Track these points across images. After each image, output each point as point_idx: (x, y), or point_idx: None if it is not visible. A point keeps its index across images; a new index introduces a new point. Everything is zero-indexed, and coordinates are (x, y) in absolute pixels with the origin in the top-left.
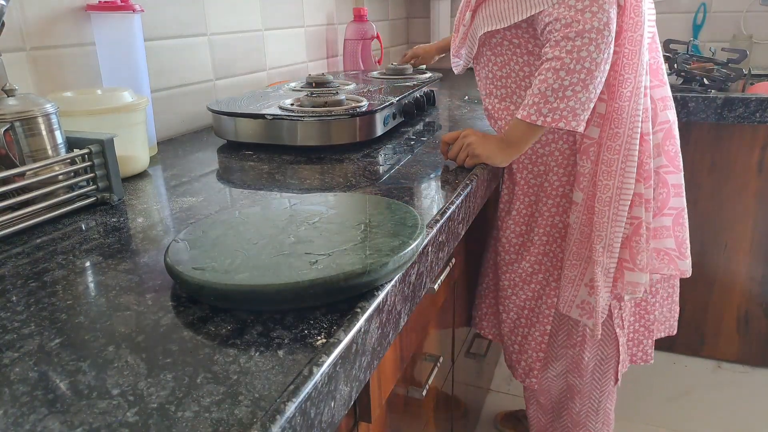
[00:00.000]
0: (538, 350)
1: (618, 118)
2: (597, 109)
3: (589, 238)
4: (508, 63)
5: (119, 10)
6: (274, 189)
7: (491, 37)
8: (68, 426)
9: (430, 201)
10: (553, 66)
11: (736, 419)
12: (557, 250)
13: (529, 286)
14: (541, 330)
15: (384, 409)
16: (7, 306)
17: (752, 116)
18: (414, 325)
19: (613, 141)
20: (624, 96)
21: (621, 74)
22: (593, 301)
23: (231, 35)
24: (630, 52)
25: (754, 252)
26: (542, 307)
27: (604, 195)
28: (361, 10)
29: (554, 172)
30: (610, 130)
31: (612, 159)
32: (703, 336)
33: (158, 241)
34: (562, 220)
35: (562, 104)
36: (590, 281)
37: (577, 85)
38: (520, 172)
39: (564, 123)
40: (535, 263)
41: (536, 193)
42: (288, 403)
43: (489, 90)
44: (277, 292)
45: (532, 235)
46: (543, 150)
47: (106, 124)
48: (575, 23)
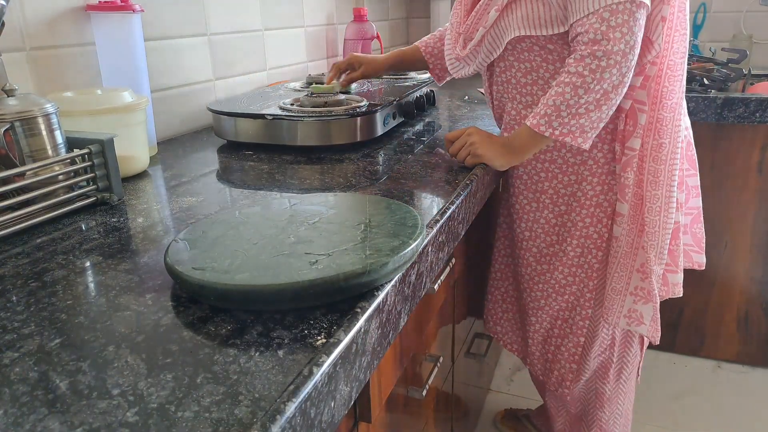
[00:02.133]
0: (571, 361)
1: (662, 128)
2: (638, 120)
3: (636, 249)
4: (536, 69)
5: (119, 10)
6: (274, 189)
7: (519, 41)
8: (68, 426)
9: (430, 201)
10: (573, 81)
11: (736, 419)
12: (593, 261)
13: (563, 297)
14: (575, 341)
15: (384, 409)
16: (7, 306)
17: (752, 116)
18: (414, 325)
19: (658, 152)
20: (668, 107)
21: (665, 85)
22: (640, 309)
23: (231, 35)
24: (674, 64)
25: (754, 252)
26: (576, 318)
27: (654, 205)
28: (361, 10)
29: (588, 182)
30: (654, 141)
31: (659, 169)
32: (703, 336)
33: (158, 241)
34: (597, 231)
35: (573, 120)
36: (636, 289)
37: (592, 104)
38: (548, 180)
39: (571, 138)
40: (568, 275)
41: (568, 203)
42: (288, 403)
43: (512, 95)
44: (277, 292)
45: (565, 245)
46: (575, 159)
47: (106, 124)
48: (604, 41)
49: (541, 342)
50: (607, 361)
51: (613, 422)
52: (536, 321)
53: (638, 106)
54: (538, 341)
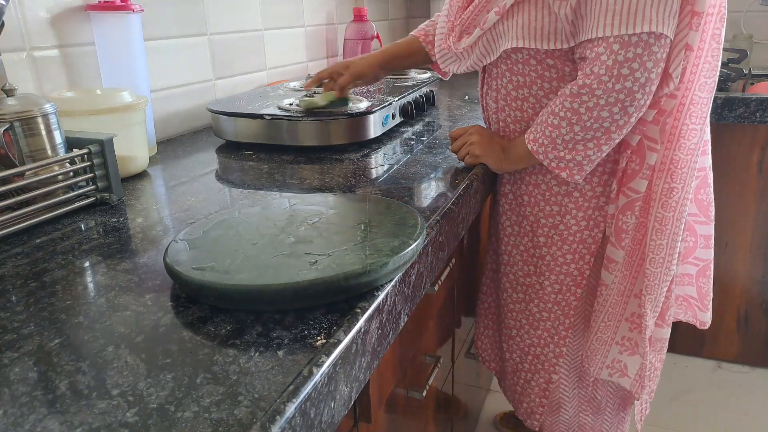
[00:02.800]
0: (541, 396)
1: (675, 171)
2: (646, 159)
3: (627, 297)
4: (528, 85)
5: (119, 10)
6: (274, 189)
7: (515, 51)
8: (68, 426)
9: (430, 201)
10: (568, 117)
11: (736, 419)
12: (570, 298)
13: (536, 332)
14: (546, 377)
15: (384, 409)
16: (7, 306)
17: (752, 116)
18: (414, 326)
19: (668, 197)
20: (685, 148)
21: (686, 123)
22: (625, 360)
23: (231, 35)
24: (699, 100)
25: (754, 252)
26: (549, 355)
27: (657, 256)
28: (361, 9)
29: (572, 215)
30: (665, 185)
31: (666, 217)
32: (703, 336)
33: (158, 241)
34: (578, 268)
35: (569, 156)
36: (623, 339)
37: (590, 142)
38: (530, 206)
39: (566, 174)
40: (543, 309)
41: (547, 235)
42: (288, 403)
43: (500, 105)
44: (277, 292)
45: (542, 279)
46: (559, 189)
47: (106, 124)
48: (606, 77)
49: (512, 372)
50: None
51: None
52: (508, 350)
53: (648, 144)
54: (510, 369)
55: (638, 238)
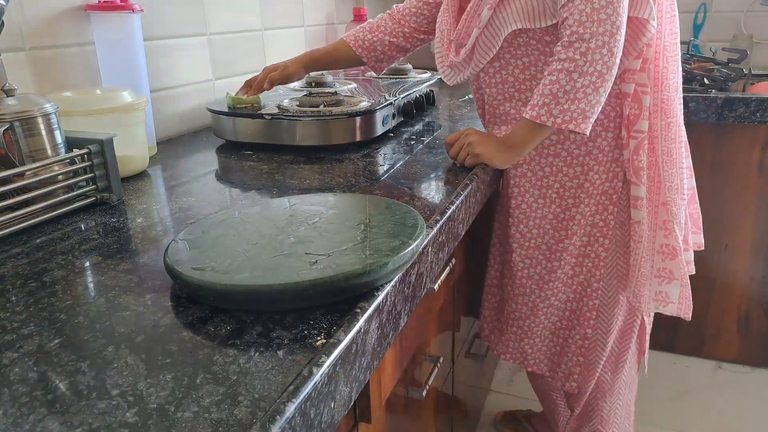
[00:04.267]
0: (578, 354)
1: (668, 108)
2: (643, 102)
3: (654, 230)
4: (534, 63)
5: (119, 9)
6: (273, 189)
7: (516, 36)
8: (68, 426)
9: (430, 201)
10: (566, 67)
11: (736, 419)
12: (599, 249)
13: (571, 288)
14: (582, 333)
15: (384, 409)
16: (7, 306)
17: (752, 116)
18: (414, 325)
19: (667, 131)
20: (670, 87)
21: (664, 66)
22: (665, 289)
23: (231, 35)
24: (669, 45)
25: (754, 252)
26: (583, 309)
27: (672, 183)
28: (361, 9)
29: (595, 171)
30: (662, 121)
31: (671, 148)
32: (703, 336)
33: (158, 241)
34: (602, 219)
35: (573, 106)
36: (660, 270)
37: (589, 87)
38: (554, 175)
39: (574, 125)
40: (575, 265)
41: (575, 195)
42: (288, 403)
43: (510, 93)
44: (277, 293)
45: (574, 238)
46: (579, 150)
47: (106, 124)
48: (590, 22)
49: (548, 336)
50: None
51: (615, 414)
52: (544, 317)
53: (641, 89)
54: (544, 337)
55: (651, 174)
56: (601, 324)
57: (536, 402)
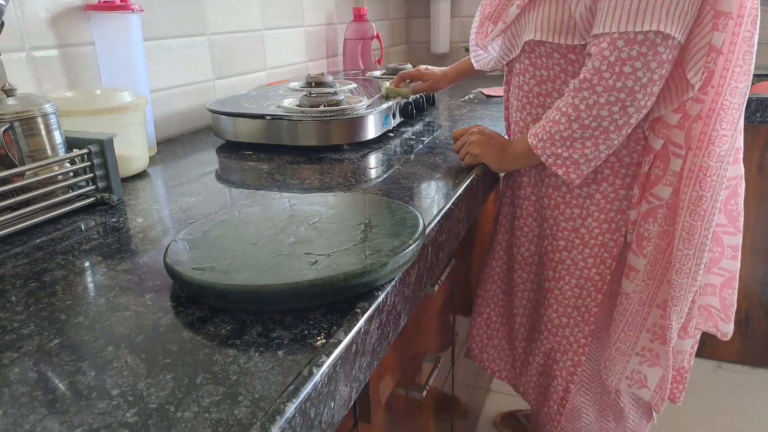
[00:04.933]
0: (559, 404)
1: (705, 179)
2: (671, 165)
3: (648, 307)
4: (552, 80)
5: (118, 9)
6: (274, 189)
7: (538, 45)
8: (68, 426)
9: (430, 201)
10: (568, 113)
11: (736, 419)
12: (591, 304)
13: (555, 338)
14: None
15: (384, 409)
16: (7, 306)
17: (752, 116)
18: (414, 326)
19: (696, 205)
20: (716, 155)
21: (716, 129)
22: (645, 371)
23: (230, 35)
24: (730, 105)
25: (754, 252)
26: (567, 363)
27: (684, 266)
28: (361, 9)
29: (594, 218)
30: (693, 192)
31: (695, 226)
32: (703, 336)
33: (158, 241)
34: (599, 272)
35: (566, 153)
36: (643, 350)
37: (588, 140)
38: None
39: (563, 172)
40: (563, 315)
41: (567, 239)
42: (288, 403)
43: (522, 103)
44: (277, 293)
45: (562, 283)
46: (580, 191)
47: (106, 124)
48: (608, 74)
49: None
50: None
51: None
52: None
53: (673, 149)
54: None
55: (662, 246)
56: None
57: None
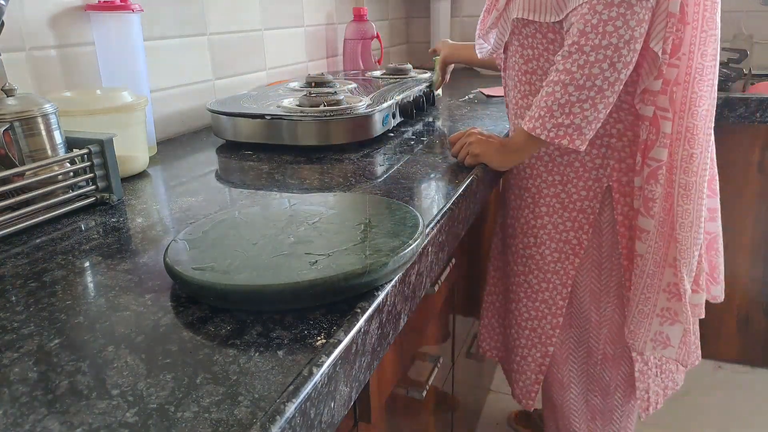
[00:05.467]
0: (536, 371)
1: (692, 138)
2: (661, 128)
3: (662, 267)
4: (537, 58)
5: (118, 9)
6: (273, 189)
7: (524, 26)
8: (68, 426)
9: (430, 201)
10: (561, 79)
11: (736, 419)
12: (569, 267)
13: (534, 304)
14: (542, 351)
15: (384, 409)
16: (7, 306)
17: (752, 116)
18: (414, 325)
19: (689, 163)
20: (699, 114)
21: (694, 91)
22: (667, 330)
23: (230, 35)
24: (703, 68)
25: (754, 252)
26: (546, 327)
27: (686, 220)
28: (361, 9)
29: (573, 184)
30: (684, 151)
31: (690, 182)
32: (703, 336)
33: (158, 242)
34: (576, 237)
35: (567, 120)
36: (662, 310)
37: (586, 102)
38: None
39: (567, 140)
40: (542, 280)
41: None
42: (288, 403)
43: (513, 83)
44: (277, 293)
45: (543, 248)
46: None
47: (106, 124)
48: (593, 34)
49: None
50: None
51: None
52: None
53: (661, 113)
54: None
55: (666, 207)
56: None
57: None
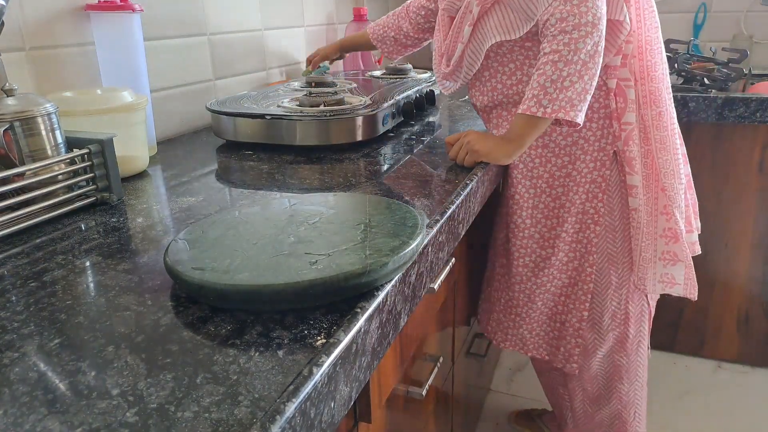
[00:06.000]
0: (576, 336)
1: (657, 99)
2: (627, 95)
3: (655, 215)
4: (520, 68)
5: (119, 9)
6: (274, 189)
7: (499, 46)
8: (68, 426)
9: (430, 201)
10: (551, 59)
11: (736, 419)
12: (591, 235)
13: (566, 274)
14: (578, 316)
15: (384, 409)
16: (7, 306)
17: (752, 116)
18: (414, 325)
19: (659, 120)
20: (656, 78)
21: (648, 59)
22: (671, 271)
23: (230, 35)
24: (651, 39)
25: (754, 252)
26: (578, 293)
27: (668, 169)
28: (361, 9)
29: (582, 160)
30: (652, 112)
31: (664, 137)
32: (703, 336)
33: (158, 241)
34: (593, 206)
35: (561, 95)
36: (663, 253)
37: (574, 76)
38: (543, 165)
39: (563, 113)
40: (569, 251)
41: (564, 184)
42: (288, 403)
43: (499, 100)
44: (277, 293)
45: (566, 225)
46: (566, 141)
47: (106, 124)
48: (571, 17)
49: (546, 321)
50: (623, 333)
51: (635, 394)
52: (541, 303)
53: (624, 83)
54: (542, 322)
55: (648, 162)
56: (596, 306)
57: (537, 401)
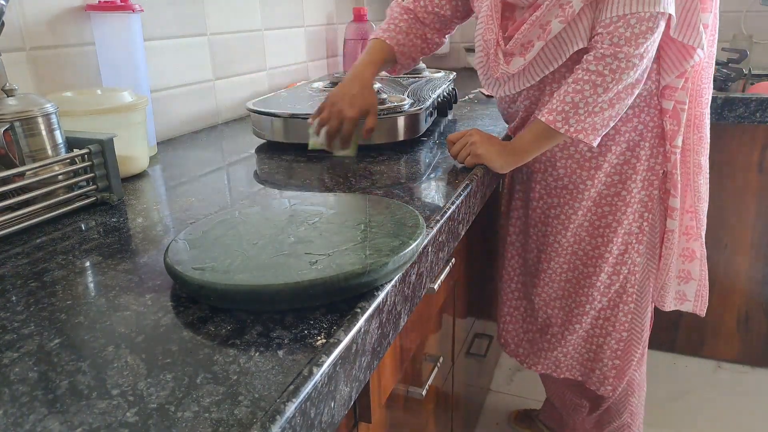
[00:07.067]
0: (613, 357)
1: (701, 123)
2: (681, 119)
3: (688, 237)
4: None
5: (119, 10)
6: (273, 189)
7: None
8: (68, 426)
9: (430, 201)
10: (593, 80)
11: (736, 419)
12: (635, 255)
13: (607, 297)
14: (617, 337)
15: (384, 409)
16: (7, 306)
17: (752, 116)
18: (414, 325)
19: (699, 144)
20: (704, 103)
21: (702, 84)
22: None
23: (231, 35)
24: (708, 64)
25: (754, 252)
26: (619, 315)
27: (700, 193)
28: (361, 9)
29: (633, 180)
30: (695, 136)
31: (700, 161)
32: (703, 336)
33: (158, 241)
34: (638, 227)
35: (589, 119)
36: (680, 272)
37: (606, 104)
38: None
39: (583, 136)
40: (612, 273)
41: (611, 203)
42: (288, 403)
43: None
44: (277, 293)
45: (610, 246)
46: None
47: (106, 124)
48: (626, 46)
49: (581, 343)
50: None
51: (640, 404)
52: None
53: (680, 106)
54: (577, 344)
55: (684, 184)
56: (636, 326)
57: (537, 401)
